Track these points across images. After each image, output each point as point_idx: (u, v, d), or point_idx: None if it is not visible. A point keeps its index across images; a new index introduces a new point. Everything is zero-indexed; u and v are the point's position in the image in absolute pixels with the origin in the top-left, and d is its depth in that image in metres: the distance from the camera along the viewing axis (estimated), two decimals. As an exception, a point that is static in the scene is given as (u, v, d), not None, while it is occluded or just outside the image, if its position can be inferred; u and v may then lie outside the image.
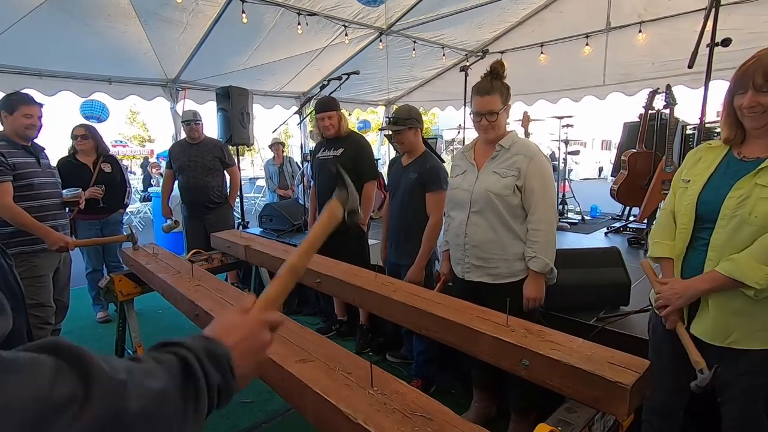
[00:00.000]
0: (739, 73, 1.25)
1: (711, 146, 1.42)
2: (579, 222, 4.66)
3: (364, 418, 0.89)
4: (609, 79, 5.56)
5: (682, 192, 1.42)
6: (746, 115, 1.25)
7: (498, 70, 1.85)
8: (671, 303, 1.35)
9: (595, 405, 1.07)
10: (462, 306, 1.53)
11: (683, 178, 1.44)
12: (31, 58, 4.20)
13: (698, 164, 1.42)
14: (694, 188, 1.37)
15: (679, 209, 1.41)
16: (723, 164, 1.36)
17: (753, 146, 1.30)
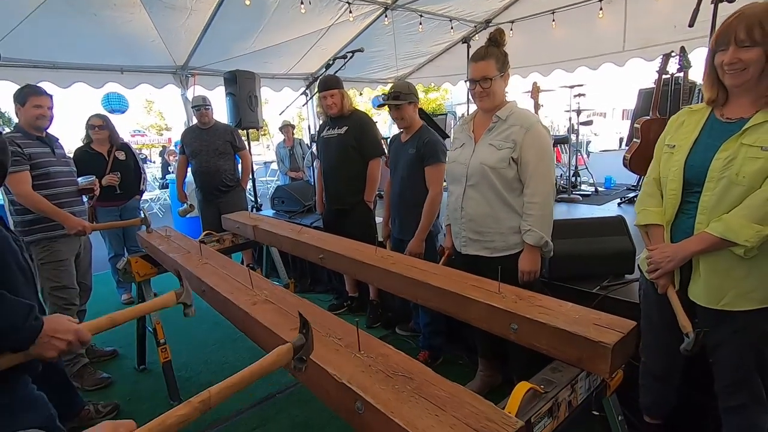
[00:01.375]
0: (722, 29, 1.21)
1: (693, 110, 1.39)
2: (592, 194, 4.58)
3: (348, 378, 0.94)
4: (629, 44, 5.34)
5: (668, 158, 1.39)
6: (726, 72, 1.21)
7: (497, 38, 1.80)
8: (662, 267, 1.34)
9: (579, 364, 1.09)
10: (457, 276, 1.56)
11: (667, 143, 1.41)
12: (45, 51, 4.31)
13: (681, 128, 1.39)
14: (680, 153, 1.34)
15: (666, 175, 1.39)
16: (707, 127, 1.32)
17: (735, 107, 1.27)
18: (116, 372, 2.75)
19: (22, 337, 0.94)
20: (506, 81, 1.85)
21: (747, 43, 1.15)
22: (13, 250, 1.07)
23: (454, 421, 0.78)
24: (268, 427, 2.17)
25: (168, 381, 2.39)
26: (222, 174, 3.77)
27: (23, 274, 1.08)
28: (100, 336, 3.20)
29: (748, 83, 1.19)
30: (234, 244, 2.85)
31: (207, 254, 2.07)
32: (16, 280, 1.04)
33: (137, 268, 2.44)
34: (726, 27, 1.20)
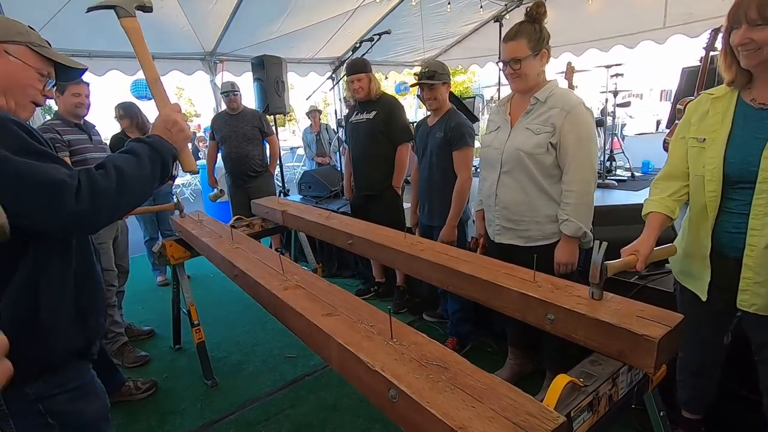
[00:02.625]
0: (734, 8, 1.11)
1: (715, 96, 1.28)
2: (628, 179, 4.39)
3: (381, 366, 0.93)
4: (670, 20, 5.02)
5: (698, 153, 1.29)
6: (740, 53, 1.11)
7: (533, 13, 1.68)
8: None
9: (620, 358, 1.04)
10: (489, 263, 1.52)
11: (695, 136, 1.30)
12: (80, 40, 4.43)
13: (707, 119, 1.28)
14: (715, 148, 1.24)
15: (699, 173, 1.29)
16: (739, 115, 1.22)
17: (766, 90, 1.16)
18: (153, 351, 2.87)
19: (165, 145, 1.08)
20: (543, 61, 1.73)
21: (759, 22, 1.05)
22: None
23: (492, 414, 0.76)
24: (298, 407, 2.22)
25: (202, 361, 2.48)
26: (251, 159, 3.82)
27: (93, 249, 1.14)
28: (138, 316, 3.35)
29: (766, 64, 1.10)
30: (263, 229, 2.89)
31: (238, 239, 2.10)
32: (91, 253, 1.11)
33: (172, 252, 2.50)
34: (737, 5, 1.10)
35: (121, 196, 0.95)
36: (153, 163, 1.03)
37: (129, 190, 0.96)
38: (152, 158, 1.03)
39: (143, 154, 1.02)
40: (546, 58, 1.74)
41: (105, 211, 0.92)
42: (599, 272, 1.16)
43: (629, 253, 1.29)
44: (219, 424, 2.15)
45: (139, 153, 1.01)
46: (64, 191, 0.86)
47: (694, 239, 1.37)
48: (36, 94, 1.03)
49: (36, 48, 1.02)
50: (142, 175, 0.99)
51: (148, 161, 1.02)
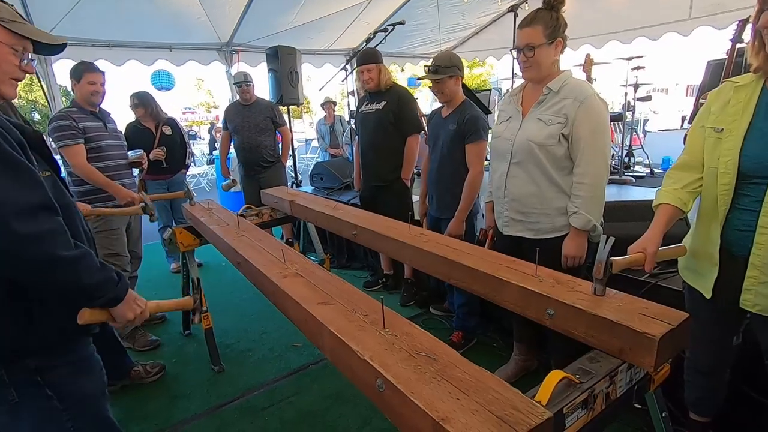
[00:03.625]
0: None
1: (738, 84, 1.21)
2: (647, 175, 4.27)
3: (371, 356, 0.92)
4: (696, 11, 4.81)
5: (714, 144, 1.23)
6: (766, 36, 1.04)
7: (552, 0, 1.63)
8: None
9: (620, 355, 1.01)
10: (491, 256, 1.49)
11: (713, 126, 1.24)
12: (100, 30, 4.50)
13: (728, 108, 1.21)
14: (732, 140, 1.18)
15: (713, 165, 1.23)
16: (762, 105, 1.15)
17: None
18: (163, 335, 2.93)
19: (118, 293, 1.03)
20: (557, 50, 1.68)
21: None
22: (78, 214, 1.14)
23: (476, 407, 0.75)
24: (302, 395, 2.24)
25: (209, 347, 2.52)
26: (263, 150, 3.84)
27: (87, 238, 1.15)
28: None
29: None
30: (272, 219, 2.91)
31: (244, 227, 2.11)
32: (83, 242, 1.11)
33: (182, 239, 2.54)
34: None
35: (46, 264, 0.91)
36: (93, 285, 0.99)
37: (56, 267, 0.92)
38: (98, 285, 1.00)
39: (102, 279, 1.00)
40: (561, 47, 1.69)
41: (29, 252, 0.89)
42: (604, 268, 1.13)
43: (636, 251, 1.25)
44: (224, 408, 2.18)
45: (103, 277, 1.00)
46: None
47: (703, 235, 1.32)
48: (14, 70, 1.02)
49: (6, 24, 1.00)
50: (76, 274, 0.95)
51: (96, 281, 0.99)
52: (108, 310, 1.03)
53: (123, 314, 1.05)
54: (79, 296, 0.99)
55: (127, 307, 1.06)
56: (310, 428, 2.03)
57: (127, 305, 1.05)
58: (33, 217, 0.89)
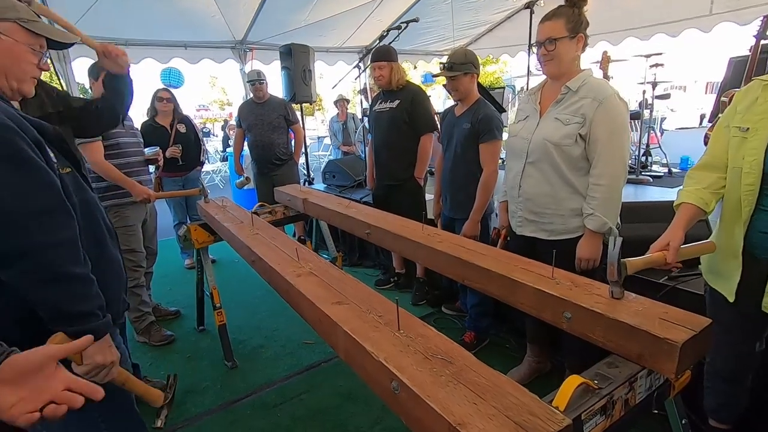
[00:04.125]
0: None
1: (767, 82, 1.17)
2: (664, 175, 4.18)
3: (385, 357, 0.92)
4: (717, 6, 4.68)
5: (739, 143, 1.19)
6: None
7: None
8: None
9: (639, 361, 0.99)
10: (506, 257, 1.47)
11: (738, 125, 1.20)
12: (117, 28, 4.56)
13: (755, 107, 1.17)
14: (757, 139, 1.14)
15: (737, 165, 1.20)
16: None
17: None
18: (178, 331, 2.97)
19: (98, 327, 0.97)
20: (579, 45, 1.65)
21: None
22: (100, 209, 1.15)
23: (494, 412, 0.74)
24: (313, 393, 2.25)
25: (223, 343, 2.54)
26: (275, 147, 3.86)
27: (108, 232, 1.16)
28: (166, 297, 3.47)
29: None
30: (285, 216, 2.92)
31: (258, 225, 2.13)
32: (104, 238, 1.13)
33: (196, 236, 2.57)
34: None
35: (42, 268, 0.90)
36: (78, 312, 0.95)
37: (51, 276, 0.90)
38: (83, 314, 0.95)
39: (90, 308, 0.97)
40: (582, 43, 1.66)
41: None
42: (616, 269, 1.10)
43: (658, 249, 1.22)
44: (237, 404, 2.21)
45: (91, 307, 0.97)
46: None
47: (727, 237, 1.28)
48: (33, 69, 1.04)
49: (25, 24, 1.01)
50: (68, 293, 0.93)
51: (85, 309, 0.96)
52: None
53: (93, 354, 0.97)
54: (53, 314, 0.93)
55: (99, 348, 0.97)
56: (321, 426, 2.04)
57: (99, 347, 0.97)
58: (43, 221, 0.88)
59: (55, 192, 0.93)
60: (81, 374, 0.96)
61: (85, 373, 0.97)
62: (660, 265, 1.22)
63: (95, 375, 0.99)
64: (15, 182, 0.87)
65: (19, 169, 0.88)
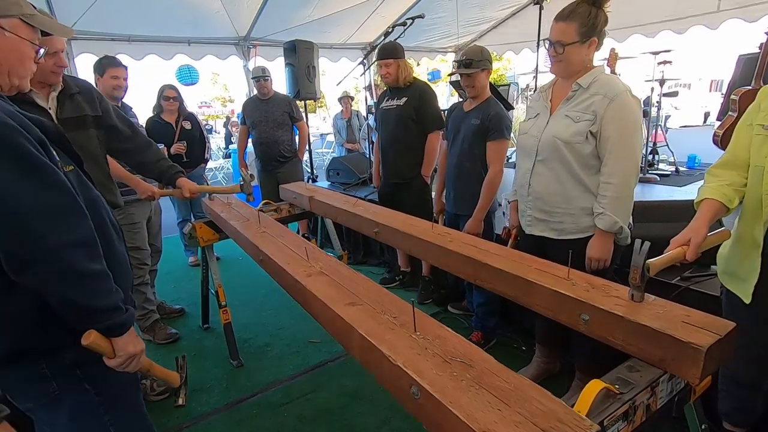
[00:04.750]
0: None
1: None
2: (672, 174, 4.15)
3: (403, 361, 0.90)
4: (725, 3, 4.63)
5: (762, 141, 1.17)
6: None
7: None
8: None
9: (661, 365, 0.97)
10: (520, 258, 1.45)
11: (762, 123, 1.18)
12: (121, 24, 4.53)
13: None
14: None
15: (760, 163, 1.17)
16: None
17: None
18: (183, 329, 2.96)
19: (125, 320, 0.99)
20: (591, 49, 1.62)
21: None
22: (105, 207, 1.13)
23: (520, 419, 0.72)
24: (319, 392, 2.24)
25: (228, 341, 2.53)
26: (280, 144, 3.83)
27: (114, 229, 1.14)
28: (170, 294, 3.46)
29: None
30: (291, 214, 2.90)
31: (265, 223, 2.11)
32: (111, 235, 1.10)
33: (201, 234, 2.55)
34: None
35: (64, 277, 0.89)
36: (101, 308, 0.95)
37: (72, 280, 0.90)
38: (106, 309, 0.96)
39: (112, 304, 0.97)
40: (595, 46, 1.63)
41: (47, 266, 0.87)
42: (641, 273, 1.08)
43: (679, 245, 1.20)
44: (243, 404, 2.19)
45: (113, 302, 0.97)
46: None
47: (745, 237, 1.26)
48: (32, 65, 1.02)
49: (27, 19, 0.99)
50: (88, 290, 0.93)
51: (106, 304, 0.96)
52: (110, 339, 0.99)
53: (125, 345, 1.00)
54: (81, 314, 0.94)
55: (129, 339, 1.01)
56: (328, 426, 2.02)
57: (129, 337, 1.01)
58: (58, 222, 0.87)
59: (65, 191, 0.92)
60: (115, 366, 1.00)
61: (119, 365, 1.00)
62: (679, 262, 1.20)
63: (128, 365, 1.02)
64: (24, 184, 0.85)
65: (27, 170, 0.86)
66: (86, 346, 0.94)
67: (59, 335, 0.97)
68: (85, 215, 0.94)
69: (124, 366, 1.01)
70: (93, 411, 1.06)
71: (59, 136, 1.07)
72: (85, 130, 1.84)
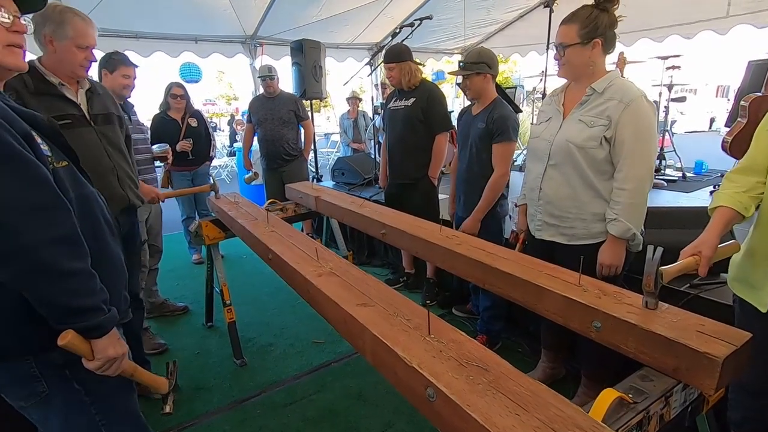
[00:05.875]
0: None
1: None
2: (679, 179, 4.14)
3: (418, 363, 0.90)
4: (735, 8, 4.62)
5: None
6: None
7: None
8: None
9: (674, 375, 0.96)
10: (530, 262, 1.45)
11: None
12: (128, 21, 4.54)
13: None
14: None
15: None
16: None
17: None
18: (187, 326, 2.96)
19: (103, 323, 0.95)
20: (594, 50, 1.60)
21: None
22: (99, 204, 1.12)
23: (538, 424, 0.71)
24: (323, 394, 2.23)
25: (232, 340, 2.53)
26: (285, 143, 3.83)
27: (109, 227, 1.13)
28: (174, 292, 3.46)
29: None
30: (296, 214, 2.90)
31: (273, 222, 2.11)
32: (103, 233, 1.09)
33: (207, 232, 2.55)
34: None
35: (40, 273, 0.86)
36: (79, 308, 0.92)
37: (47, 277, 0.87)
38: (85, 309, 0.93)
39: (92, 304, 0.94)
40: (600, 48, 1.61)
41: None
42: (654, 280, 1.08)
43: (690, 255, 1.19)
44: (246, 403, 2.19)
45: (93, 303, 0.94)
46: None
47: (762, 244, 1.25)
48: (6, 35, 0.95)
49: None
50: (67, 290, 0.90)
51: (85, 304, 0.93)
52: (89, 341, 0.95)
53: (104, 348, 0.95)
54: (57, 313, 0.91)
55: (109, 342, 0.96)
56: (332, 427, 2.02)
57: (109, 340, 0.97)
58: (37, 218, 0.84)
59: (47, 187, 0.88)
60: (93, 369, 0.96)
61: (97, 368, 0.96)
62: (692, 271, 1.19)
63: (107, 368, 0.98)
64: (2, 178, 0.82)
65: (6, 165, 0.83)
66: (62, 347, 0.91)
67: (45, 335, 0.94)
68: (68, 211, 0.91)
69: (104, 369, 0.97)
70: (84, 411, 1.05)
71: (53, 131, 1.04)
72: (113, 127, 1.89)
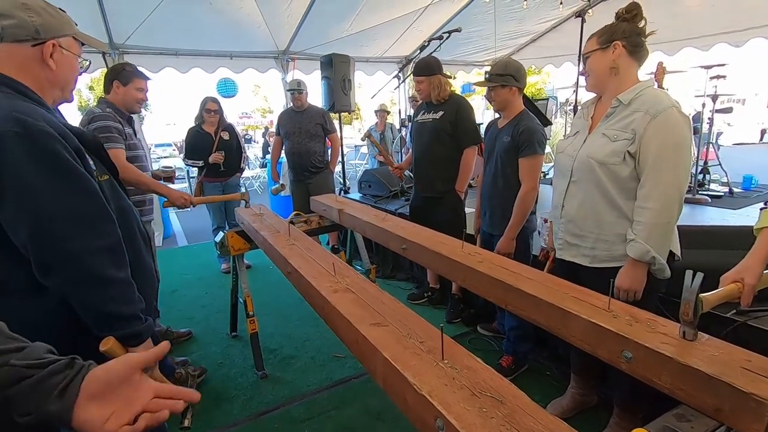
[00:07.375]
0: None
1: None
2: (725, 195, 3.88)
3: (429, 391, 0.85)
4: (789, 14, 4.36)
5: None
6: None
7: (621, 12, 1.54)
8: None
9: (716, 416, 0.87)
10: (556, 283, 1.36)
11: None
12: (168, 39, 4.78)
13: None
14: None
15: None
16: None
17: None
18: (211, 336, 3.00)
19: (143, 330, 0.99)
20: (615, 53, 1.51)
21: None
22: (135, 216, 1.16)
23: (553, 470, 0.65)
24: (342, 410, 2.19)
25: (254, 352, 2.53)
26: (312, 155, 3.88)
27: (143, 238, 1.16)
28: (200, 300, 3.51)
29: None
30: (320, 226, 2.91)
31: (294, 235, 2.11)
32: (139, 245, 1.13)
33: (233, 243, 2.58)
34: None
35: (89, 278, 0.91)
36: (122, 315, 0.97)
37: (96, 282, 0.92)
38: (126, 317, 0.97)
39: (132, 312, 0.98)
40: (622, 51, 1.51)
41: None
42: (693, 308, 0.98)
43: (732, 281, 1.09)
44: (265, 416, 2.18)
45: (133, 311, 0.98)
46: None
47: None
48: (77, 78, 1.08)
49: (78, 36, 1.04)
50: (112, 297, 0.94)
51: (127, 312, 0.97)
52: (126, 348, 0.97)
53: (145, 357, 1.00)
54: (99, 320, 0.94)
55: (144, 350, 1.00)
56: (350, 446, 1.97)
57: (145, 348, 1.00)
58: (86, 227, 0.89)
59: (96, 198, 0.94)
60: None
61: None
62: (734, 299, 1.09)
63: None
64: (57, 190, 0.88)
65: (61, 177, 0.89)
66: (103, 353, 0.93)
67: (86, 340, 0.97)
68: (113, 222, 0.96)
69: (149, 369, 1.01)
70: None
71: (96, 146, 1.10)
72: None
